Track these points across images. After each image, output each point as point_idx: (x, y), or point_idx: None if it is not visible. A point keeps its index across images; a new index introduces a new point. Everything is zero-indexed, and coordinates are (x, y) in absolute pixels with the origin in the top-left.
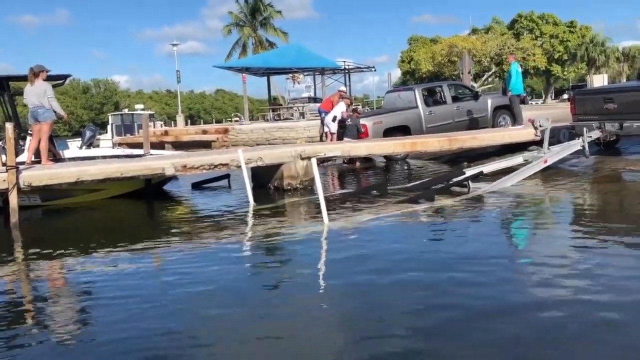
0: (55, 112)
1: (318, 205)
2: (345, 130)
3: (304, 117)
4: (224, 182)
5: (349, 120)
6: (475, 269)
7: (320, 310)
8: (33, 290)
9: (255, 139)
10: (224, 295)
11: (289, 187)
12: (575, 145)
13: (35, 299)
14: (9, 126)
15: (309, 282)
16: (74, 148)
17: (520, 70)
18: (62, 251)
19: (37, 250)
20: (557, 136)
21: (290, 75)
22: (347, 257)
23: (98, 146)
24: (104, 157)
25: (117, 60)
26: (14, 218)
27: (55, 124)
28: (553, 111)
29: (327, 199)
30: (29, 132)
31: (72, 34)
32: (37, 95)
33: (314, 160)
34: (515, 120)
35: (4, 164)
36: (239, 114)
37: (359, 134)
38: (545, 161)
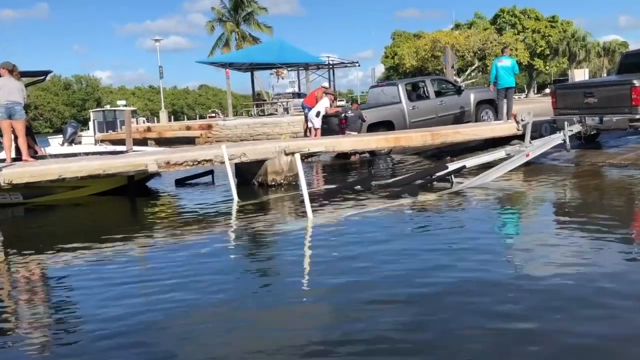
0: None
1: (302, 201)
2: (347, 123)
3: (288, 113)
4: (208, 179)
5: (350, 112)
6: (459, 263)
7: (305, 305)
8: (13, 289)
9: (239, 135)
10: (207, 292)
11: (273, 183)
12: (557, 139)
13: (15, 297)
14: None
15: (293, 278)
16: (55, 145)
17: (501, 64)
18: (44, 249)
19: (18, 248)
20: (539, 130)
21: (274, 70)
22: (331, 252)
23: (80, 143)
24: (86, 153)
25: (99, 55)
26: None
27: (35, 120)
28: (535, 105)
29: (311, 195)
30: None
31: (52, 28)
32: (14, 92)
33: (297, 156)
34: (497, 114)
35: None
36: (215, 110)
37: (362, 124)
38: (528, 155)
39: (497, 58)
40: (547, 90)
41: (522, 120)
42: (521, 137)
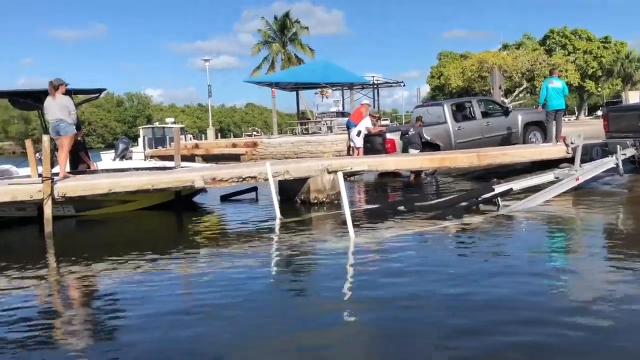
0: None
1: (344, 220)
2: (408, 141)
3: (331, 131)
4: (252, 195)
5: (412, 129)
6: (504, 291)
7: (346, 326)
8: (62, 299)
9: (283, 153)
10: (249, 309)
11: (315, 201)
12: (609, 163)
13: (62, 305)
14: (45, 138)
15: (334, 298)
16: (107, 160)
17: (552, 85)
18: (93, 261)
19: (69, 259)
20: (590, 153)
21: (319, 90)
22: (372, 273)
23: (131, 158)
24: (136, 169)
25: (151, 73)
26: (48, 228)
27: (89, 136)
28: (586, 128)
29: (353, 214)
30: None
31: (108, 47)
32: (59, 109)
33: (340, 174)
34: (546, 136)
35: (39, 175)
36: (256, 128)
37: (422, 142)
38: (577, 179)
39: (546, 79)
40: (599, 113)
41: (572, 143)
42: (570, 161)
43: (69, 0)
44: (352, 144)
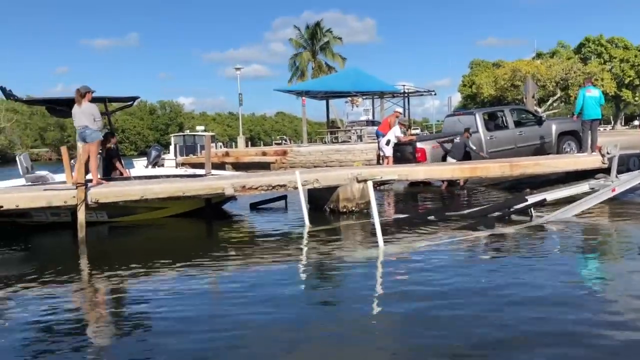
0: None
1: (373, 229)
2: (450, 149)
3: (361, 140)
4: (281, 203)
5: (457, 138)
6: (536, 305)
7: (373, 336)
8: (93, 303)
9: (312, 161)
10: (277, 317)
11: (344, 210)
12: None
13: (95, 311)
14: (79, 145)
15: (363, 308)
16: (139, 167)
17: (589, 94)
18: (124, 267)
19: (101, 265)
20: (627, 164)
21: (349, 98)
22: (401, 283)
23: (162, 165)
24: (167, 176)
25: (183, 82)
26: (81, 233)
27: (121, 143)
28: (622, 138)
29: (382, 223)
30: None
31: (142, 56)
32: (85, 116)
33: (370, 183)
34: (581, 146)
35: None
36: (284, 137)
37: (466, 153)
38: (613, 190)
39: (583, 88)
40: (636, 122)
41: (608, 153)
42: (606, 171)
43: (103, 10)
44: (381, 153)
